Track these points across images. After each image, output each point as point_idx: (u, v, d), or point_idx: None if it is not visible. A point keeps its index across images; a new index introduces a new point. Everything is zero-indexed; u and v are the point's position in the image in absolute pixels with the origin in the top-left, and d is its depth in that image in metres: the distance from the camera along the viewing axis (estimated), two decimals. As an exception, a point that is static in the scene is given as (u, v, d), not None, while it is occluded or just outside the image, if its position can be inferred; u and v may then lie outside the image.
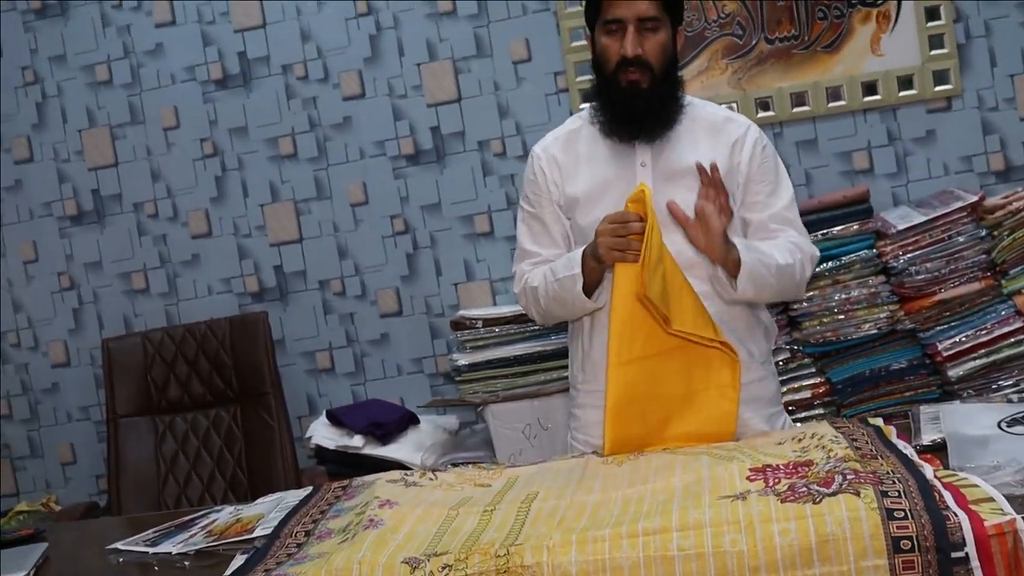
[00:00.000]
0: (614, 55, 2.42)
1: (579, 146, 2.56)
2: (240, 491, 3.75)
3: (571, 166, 2.54)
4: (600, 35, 2.45)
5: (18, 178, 4.25)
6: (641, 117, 2.45)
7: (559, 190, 2.54)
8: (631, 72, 2.41)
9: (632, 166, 2.48)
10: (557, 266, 2.48)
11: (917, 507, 1.65)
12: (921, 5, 3.69)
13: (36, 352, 4.30)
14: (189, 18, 4.10)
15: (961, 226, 3.37)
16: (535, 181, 2.58)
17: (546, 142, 2.62)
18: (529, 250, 2.59)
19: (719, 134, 2.52)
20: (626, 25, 2.39)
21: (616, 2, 2.40)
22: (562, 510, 1.91)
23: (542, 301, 2.52)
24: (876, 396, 3.43)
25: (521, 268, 2.61)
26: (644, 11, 2.39)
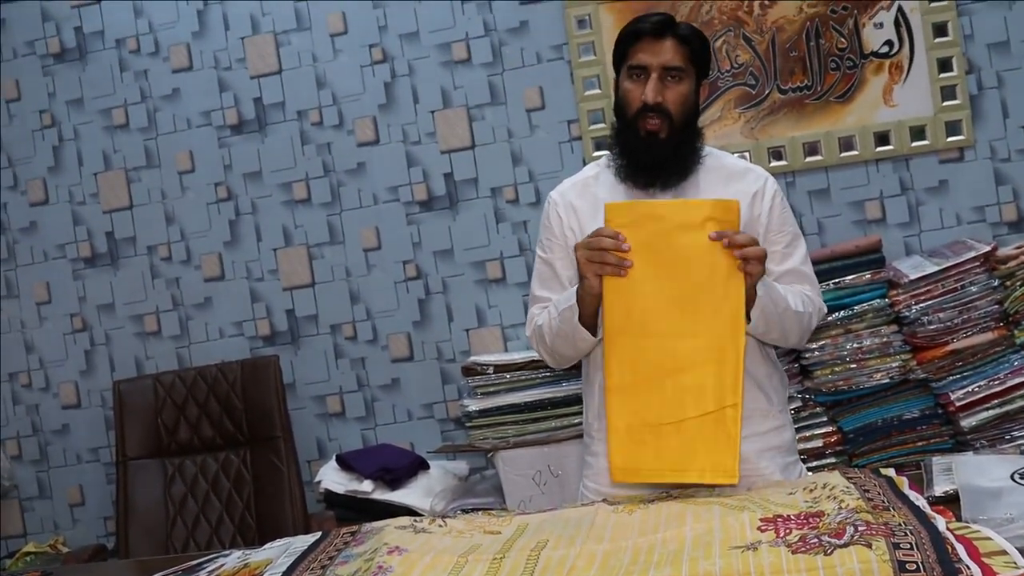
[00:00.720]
0: (635, 101, 2.42)
1: (597, 192, 2.54)
2: (248, 535, 3.74)
3: (588, 212, 2.53)
4: (624, 80, 2.45)
5: (33, 220, 4.28)
6: (657, 165, 2.45)
7: (575, 236, 2.52)
8: (650, 120, 2.41)
9: None
10: (558, 300, 2.47)
11: (929, 560, 1.64)
12: (933, 56, 3.70)
13: (47, 393, 4.30)
14: (206, 64, 4.14)
15: (974, 276, 3.36)
16: (550, 227, 2.58)
17: (563, 188, 2.62)
18: (539, 296, 2.59)
19: (737, 184, 2.51)
20: (650, 72, 2.40)
21: (643, 48, 2.40)
22: (572, 559, 1.89)
23: (547, 338, 2.52)
24: (888, 446, 3.42)
25: (532, 312, 2.61)
26: (669, 60, 2.40)
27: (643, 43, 2.40)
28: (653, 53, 2.40)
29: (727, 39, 3.81)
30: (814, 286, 2.55)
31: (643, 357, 2.23)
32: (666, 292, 2.21)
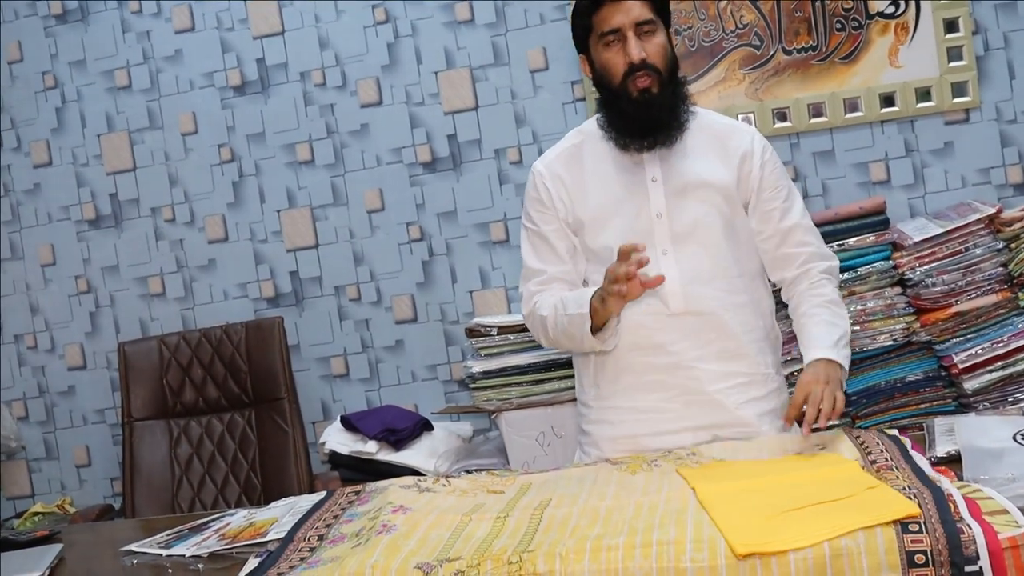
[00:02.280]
0: (619, 65, 2.41)
1: (583, 163, 2.53)
2: (254, 495, 3.76)
3: (577, 184, 2.52)
4: (599, 51, 2.43)
5: (37, 182, 4.28)
6: (656, 124, 2.43)
7: (566, 208, 2.52)
8: (640, 79, 2.40)
9: (643, 182, 2.47)
10: (568, 300, 2.45)
11: (932, 520, 1.65)
12: (940, 17, 3.68)
13: (53, 355, 4.32)
14: (208, 24, 4.12)
15: (978, 238, 3.36)
16: (539, 199, 2.55)
17: (547, 159, 2.59)
18: (535, 268, 2.57)
19: (726, 144, 2.52)
20: (624, 33, 2.39)
21: (610, 12, 2.39)
22: (575, 517, 1.91)
23: (550, 331, 2.50)
24: (891, 408, 3.42)
25: (528, 288, 2.58)
26: (639, 15, 2.39)
27: (607, 7, 2.39)
28: (622, 13, 2.38)
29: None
30: (817, 236, 2.58)
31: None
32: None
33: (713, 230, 2.46)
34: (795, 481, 1.94)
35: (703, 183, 2.45)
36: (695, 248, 2.44)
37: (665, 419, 2.46)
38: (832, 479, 1.92)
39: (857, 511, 1.71)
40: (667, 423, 2.45)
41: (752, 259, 2.54)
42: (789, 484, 1.93)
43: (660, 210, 2.44)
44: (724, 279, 2.47)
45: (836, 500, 1.79)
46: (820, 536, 1.65)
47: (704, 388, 2.45)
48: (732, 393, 2.46)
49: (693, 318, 2.43)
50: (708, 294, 2.45)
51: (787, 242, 2.53)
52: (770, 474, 2.03)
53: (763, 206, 2.51)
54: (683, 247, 2.43)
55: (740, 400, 2.46)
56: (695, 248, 2.44)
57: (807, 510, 1.77)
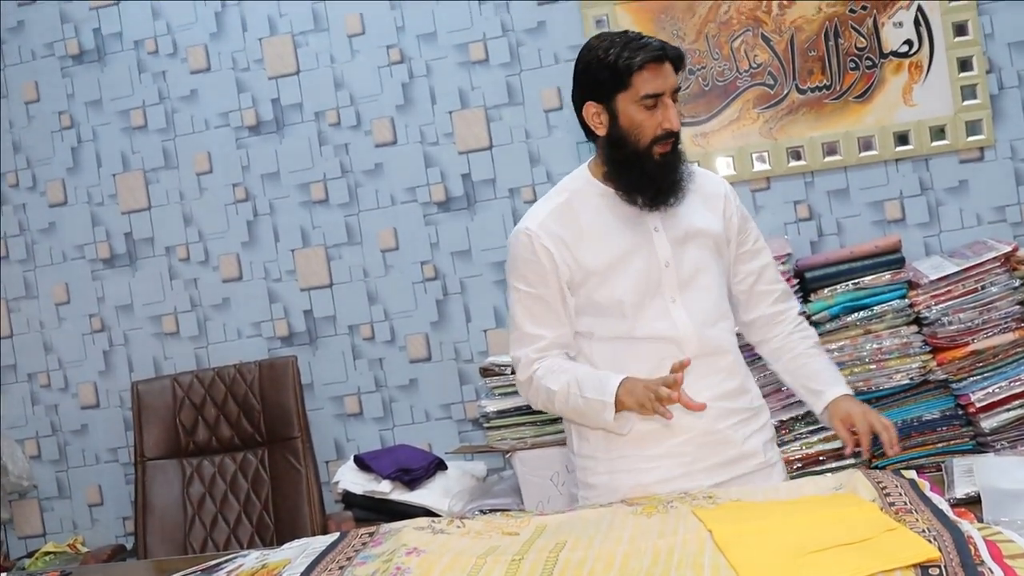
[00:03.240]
0: (651, 129, 2.38)
1: (579, 218, 2.48)
2: (267, 535, 3.74)
3: (577, 240, 2.47)
4: (631, 110, 2.38)
5: (52, 221, 4.29)
6: (673, 185, 2.44)
7: (571, 268, 2.46)
8: (665, 145, 2.40)
9: (647, 232, 2.46)
10: (586, 383, 2.40)
11: (952, 563, 1.63)
12: (953, 55, 3.68)
13: (66, 393, 4.32)
14: (224, 65, 4.15)
15: (994, 276, 3.34)
16: (536, 261, 2.47)
17: (538, 219, 2.49)
18: (532, 333, 2.50)
19: (705, 191, 2.55)
20: (664, 99, 2.38)
21: (652, 76, 2.36)
22: (591, 561, 1.89)
23: (557, 406, 2.47)
24: (908, 447, 3.39)
25: (527, 355, 2.51)
26: (675, 82, 2.40)
27: (648, 71, 2.36)
28: (662, 79, 2.37)
29: (745, 39, 3.79)
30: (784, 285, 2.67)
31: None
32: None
33: (712, 274, 2.51)
34: (813, 522, 1.92)
35: (698, 230, 2.50)
36: (698, 293, 2.48)
37: (678, 463, 2.46)
38: (850, 520, 1.89)
39: (876, 554, 1.69)
40: (680, 467, 2.46)
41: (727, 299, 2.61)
42: (807, 525, 1.90)
43: (667, 259, 2.45)
44: (725, 319, 2.53)
45: (855, 542, 1.77)
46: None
47: (715, 427, 2.47)
48: (739, 428, 2.49)
49: (707, 359, 2.44)
50: (716, 335, 2.49)
51: (761, 280, 2.61)
52: (788, 515, 2.01)
53: (739, 248, 2.58)
54: (689, 293, 2.47)
55: (746, 434, 2.51)
56: (698, 293, 2.48)
57: (825, 552, 1.75)
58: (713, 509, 2.12)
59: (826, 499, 2.09)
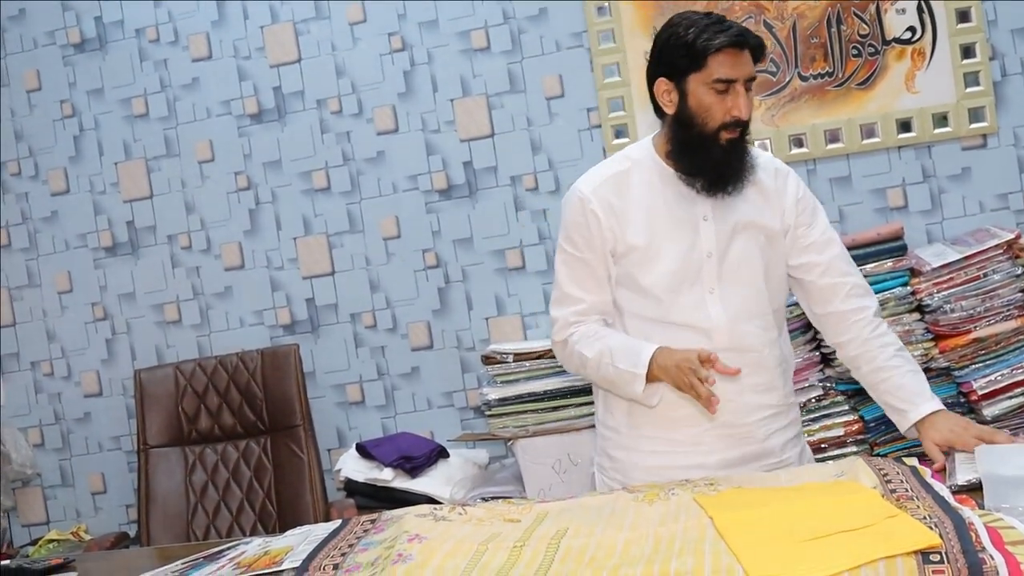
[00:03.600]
0: (720, 115, 2.36)
1: (632, 191, 2.47)
2: (269, 523, 3.75)
3: (627, 213, 2.46)
4: (701, 91, 2.36)
5: (54, 209, 4.30)
6: (735, 172, 2.41)
7: (615, 237, 2.46)
8: (732, 132, 2.38)
9: (695, 219, 2.44)
10: (618, 352, 2.41)
11: (953, 550, 1.63)
12: (956, 42, 3.67)
13: (69, 382, 4.32)
14: (225, 53, 4.15)
15: (997, 264, 3.34)
16: (585, 224, 2.47)
17: (594, 184, 2.49)
18: (572, 294, 2.51)
19: (766, 182, 2.50)
20: (737, 86, 2.35)
21: (728, 62, 2.33)
22: (592, 548, 1.89)
23: (589, 373, 2.50)
24: (910, 435, 3.39)
25: (565, 318, 2.52)
26: (751, 71, 2.36)
27: (725, 55, 2.33)
28: (738, 66, 2.34)
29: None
30: (854, 265, 2.57)
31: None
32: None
33: (755, 269, 2.46)
34: (814, 509, 1.92)
35: (750, 223, 2.45)
36: (739, 287, 2.44)
37: (698, 451, 2.46)
38: (852, 507, 1.89)
39: (877, 540, 1.69)
40: (699, 456, 2.46)
41: (780, 295, 2.54)
42: (808, 512, 1.91)
43: (711, 250, 2.42)
44: (762, 316, 2.48)
45: (856, 529, 1.77)
46: (840, 566, 1.63)
47: (739, 421, 2.46)
48: (762, 425, 2.48)
49: (735, 354, 2.40)
50: (749, 331, 2.45)
51: (830, 273, 2.51)
52: (789, 502, 2.01)
53: (802, 240, 2.50)
54: (728, 286, 2.43)
55: (769, 431, 2.49)
56: (739, 287, 2.44)
57: (826, 539, 1.75)
58: (714, 496, 2.13)
59: (827, 486, 2.10)
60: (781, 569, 1.65)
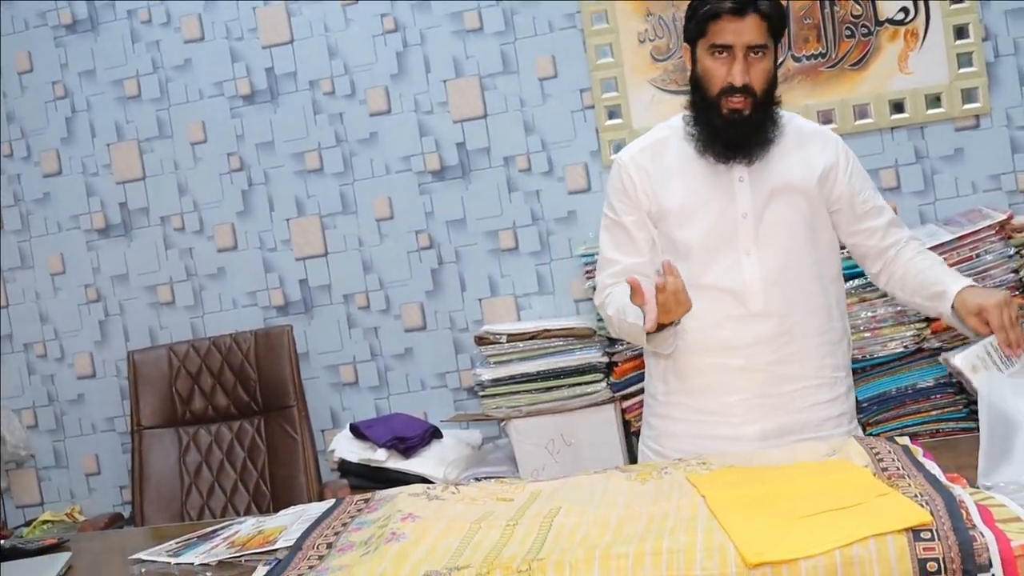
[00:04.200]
0: (719, 80, 2.38)
1: (668, 157, 2.51)
2: (263, 503, 3.76)
3: (662, 177, 2.50)
4: (704, 57, 2.40)
5: (47, 191, 4.28)
6: (741, 143, 2.42)
7: (650, 200, 2.50)
8: (735, 100, 2.38)
9: (730, 182, 2.45)
10: (629, 308, 2.41)
11: (944, 527, 1.64)
12: (950, 23, 3.67)
13: (62, 363, 4.32)
14: (218, 34, 4.13)
15: (989, 244, 3.35)
16: (623, 189, 2.53)
17: (632, 151, 2.56)
18: (611, 258, 2.56)
19: (808, 146, 2.51)
20: (734, 52, 2.36)
21: (726, 27, 2.35)
22: (585, 526, 1.90)
23: (615, 329, 2.54)
24: (902, 415, 3.41)
25: (603, 281, 2.57)
26: (752, 38, 2.35)
27: (724, 21, 2.34)
28: (736, 32, 2.34)
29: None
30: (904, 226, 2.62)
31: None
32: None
33: (796, 232, 2.45)
34: (806, 488, 1.93)
35: (788, 185, 2.45)
36: (777, 250, 2.44)
37: (729, 422, 2.46)
38: (843, 486, 1.90)
39: (868, 519, 1.70)
40: (731, 427, 2.46)
41: (831, 262, 2.54)
42: (800, 491, 1.92)
43: (746, 210, 2.43)
44: (803, 282, 2.46)
45: (847, 507, 1.78)
46: (831, 544, 1.64)
47: (771, 391, 2.45)
48: (798, 396, 2.45)
49: (770, 320, 2.42)
50: (788, 296, 2.44)
51: (888, 235, 2.55)
52: (781, 480, 2.02)
53: (859, 208, 2.52)
54: (766, 249, 2.43)
55: (805, 404, 2.46)
56: (777, 250, 2.44)
57: (818, 517, 1.76)
58: (707, 475, 2.14)
59: (819, 465, 2.11)
60: (773, 547, 1.66)
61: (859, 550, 1.62)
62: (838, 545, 1.63)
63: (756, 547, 1.66)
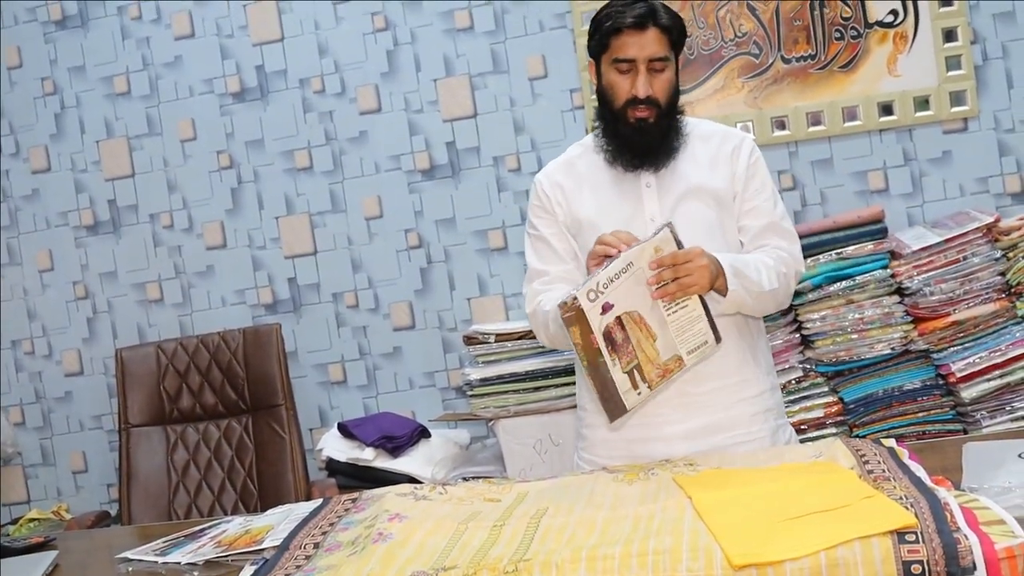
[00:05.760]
0: (623, 93, 2.44)
1: (581, 171, 2.58)
2: (250, 502, 3.76)
3: (574, 189, 2.56)
4: (608, 71, 2.46)
5: (35, 187, 4.28)
6: (647, 150, 2.47)
7: (564, 212, 2.56)
8: (640, 110, 2.43)
9: (637, 188, 2.50)
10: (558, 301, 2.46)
11: (928, 530, 1.65)
12: (938, 26, 3.68)
13: (50, 360, 4.31)
14: (208, 31, 4.13)
15: (976, 247, 3.36)
16: (540, 205, 2.60)
17: (548, 170, 2.64)
18: (538, 269, 2.60)
19: (717, 148, 2.54)
20: (637, 65, 2.41)
21: (627, 42, 2.40)
22: (572, 527, 1.90)
23: (551, 326, 2.52)
24: (889, 417, 3.42)
25: (532, 288, 2.60)
26: (654, 51, 2.41)
27: (625, 36, 2.40)
28: (638, 46, 2.40)
29: (731, 8, 3.79)
30: (793, 241, 2.56)
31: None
32: None
33: (704, 233, 2.45)
34: (792, 490, 1.94)
35: (696, 188, 2.49)
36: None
37: (659, 422, 2.46)
38: (829, 488, 1.91)
39: (854, 521, 1.71)
40: (660, 427, 2.46)
41: None
42: (786, 493, 1.93)
43: (653, 215, 2.47)
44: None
45: (833, 509, 1.79)
46: (816, 546, 1.64)
47: (692, 391, 2.45)
48: (720, 395, 2.46)
49: None
50: None
51: (761, 237, 2.52)
52: (767, 483, 2.03)
53: (745, 204, 2.54)
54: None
55: (731, 401, 2.47)
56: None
57: (804, 519, 1.77)
58: (693, 476, 2.15)
59: (805, 467, 2.11)
60: (759, 549, 1.66)
61: (844, 552, 1.63)
62: (823, 547, 1.64)
63: (742, 548, 1.67)
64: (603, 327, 2.17)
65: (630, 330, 2.19)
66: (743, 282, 2.34)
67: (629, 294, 2.19)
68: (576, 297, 2.15)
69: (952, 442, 2.43)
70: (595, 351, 2.17)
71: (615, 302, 2.17)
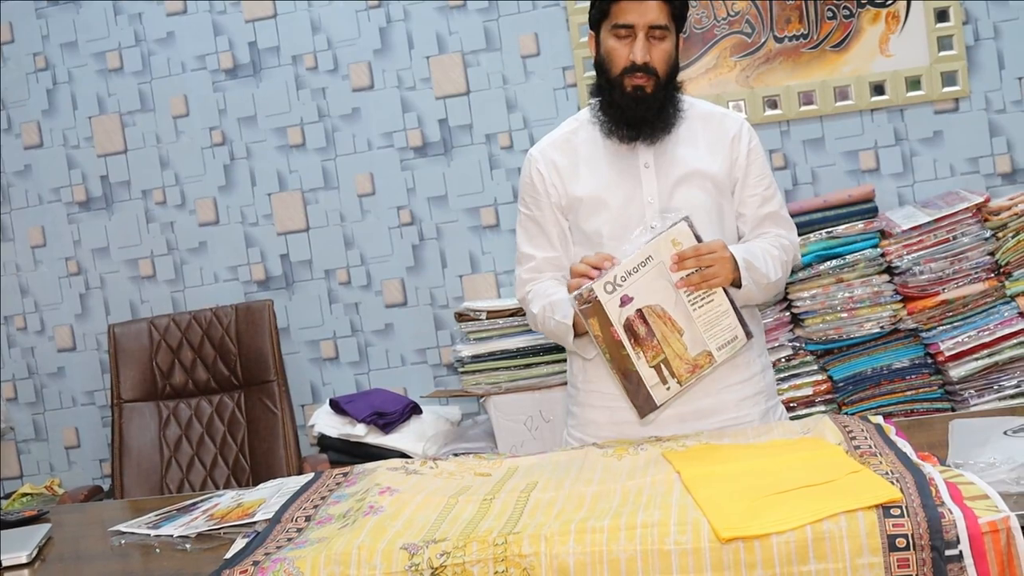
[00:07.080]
0: (621, 60, 2.44)
1: (578, 148, 2.56)
2: (242, 477, 3.77)
3: (570, 168, 2.55)
4: (607, 38, 2.46)
5: (27, 163, 4.27)
6: (643, 121, 2.47)
7: (559, 192, 2.54)
8: (637, 77, 2.43)
9: (635, 168, 2.50)
10: (557, 307, 2.46)
11: (913, 504, 1.67)
12: (930, 6, 3.69)
13: (42, 336, 4.32)
14: (200, 7, 4.12)
15: (966, 227, 3.37)
16: (532, 184, 2.58)
17: (542, 145, 2.62)
18: (527, 253, 2.60)
19: (716, 132, 2.55)
20: (636, 31, 2.41)
21: (627, 7, 2.40)
22: (561, 501, 1.92)
23: (539, 326, 2.55)
24: (877, 395, 3.44)
25: (520, 276, 2.61)
26: (654, 19, 2.40)
27: (626, 1, 2.40)
28: (639, 12, 2.40)
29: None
30: (791, 230, 2.59)
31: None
32: None
33: (701, 217, 2.46)
34: (779, 465, 1.96)
35: (694, 170, 2.49)
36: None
37: None
38: (816, 463, 1.93)
39: (840, 495, 1.73)
40: None
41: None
42: (773, 468, 1.95)
43: (651, 197, 2.47)
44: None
45: (819, 484, 1.81)
46: (802, 520, 1.66)
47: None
48: (714, 379, 2.46)
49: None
50: None
51: (761, 226, 2.55)
52: (755, 458, 2.05)
53: (745, 192, 2.55)
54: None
55: (721, 385, 2.49)
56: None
57: (790, 494, 1.79)
58: (682, 452, 2.16)
59: (792, 443, 2.13)
60: (745, 522, 1.68)
61: (830, 526, 1.65)
62: (809, 521, 1.66)
63: (729, 522, 1.69)
64: (623, 319, 2.18)
65: (653, 324, 2.19)
66: (753, 275, 2.36)
67: (650, 288, 2.19)
68: (592, 288, 2.16)
69: (939, 419, 2.45)
70: (616, 343, 2.18)
71: (635, 295, 2.18)
